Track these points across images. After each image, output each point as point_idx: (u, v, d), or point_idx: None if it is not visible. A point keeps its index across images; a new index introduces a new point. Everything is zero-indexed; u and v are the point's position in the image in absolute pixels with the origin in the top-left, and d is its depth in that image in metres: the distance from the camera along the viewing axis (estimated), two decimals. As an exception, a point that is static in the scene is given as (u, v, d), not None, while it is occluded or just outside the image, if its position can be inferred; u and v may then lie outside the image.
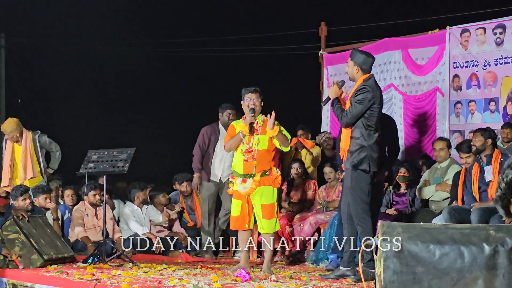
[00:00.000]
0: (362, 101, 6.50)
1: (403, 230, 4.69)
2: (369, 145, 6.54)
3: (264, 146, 7.32)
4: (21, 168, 9.54)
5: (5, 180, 9.61)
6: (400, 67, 10.85)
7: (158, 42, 21.34)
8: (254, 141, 7.33)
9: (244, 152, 7.35)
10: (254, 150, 7.31)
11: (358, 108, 6.50)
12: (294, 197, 9.50)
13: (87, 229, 9.36)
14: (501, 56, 9.60)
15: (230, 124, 7.70)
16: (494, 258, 4.58)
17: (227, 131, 7.70)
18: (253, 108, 7.35)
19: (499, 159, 7.54)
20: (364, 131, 6.54)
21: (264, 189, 7.33)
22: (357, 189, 6.56)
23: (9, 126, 9.60)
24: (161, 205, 10.07)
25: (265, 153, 7.34)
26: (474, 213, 7.33)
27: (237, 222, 7.50)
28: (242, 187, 7.36)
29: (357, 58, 6.69)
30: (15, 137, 9.59)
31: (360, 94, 6.52)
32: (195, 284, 6.06)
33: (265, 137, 7.33)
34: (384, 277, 4.61)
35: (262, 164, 7.32)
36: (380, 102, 6.64)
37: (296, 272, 7.50)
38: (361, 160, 6.52)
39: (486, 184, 7.59)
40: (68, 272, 7.14)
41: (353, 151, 6.55)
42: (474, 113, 9.90)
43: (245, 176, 7.34)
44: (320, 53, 12.28)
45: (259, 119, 7.41)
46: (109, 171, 8.39)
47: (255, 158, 7.29)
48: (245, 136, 7.34)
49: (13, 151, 9.61)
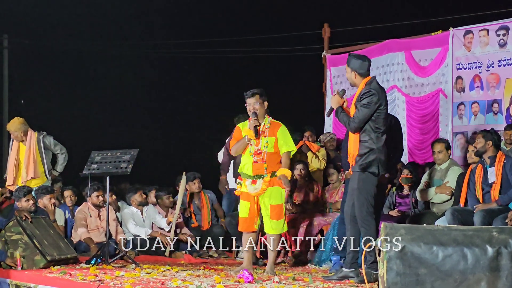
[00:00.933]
0: (368, 104, 6.48)
1: (406, 232, 4.70)
2: (378, 148, 6.53)
3: (271, 148, 7.37)
4: (23, 167, 9.57)
5: (10, 179, 9.65)
6: (403, 68, 10.85)
7: (160, 43, 21.36)
8: (263, 143, 7.35)
9: (253, 154, 7.37)
10: (264, 152, 7.34)
11: (365, 112, 6.48)
12: (297, 198, 9.49)
13: (90, 230, 9.36)
14: (504, 57, 9.59)
15: (236, 127, 7.69)
16: (497, 259, 4.58)
17: (233, 134, 7.69)
18: (255, 112, 7.36)
19: (503, 161, 7.54)
20: (373, 134, 6.52)
21: (273, 190, 7.36)
22: (363, 191, 6.55)
23: (13, 125, 9.66)
24: (165, 206, 10.06)
25: (273, 155, 7.38)
26: (477, 214, 7.32)
27: (245, 224, 7.50)
28: (253, 188, 7.38)
29: (353, 64, 6.69)
30: (20, 136, 9.62)
31: (365, 98, 6.50)
32: (198, 285, 6.06)
33: (272, 139, 7.36)
34: (387, 279, 4.62)
35: (272, 166, 7.35)
36: (386, 104, 6.64)
37: (299, 273, 7.50)
38: (370, 162, 6.51)
39: (489, 186, 7.58)
40: (71, 273, 7.15)
41: (362, 154, 6.53)
42: (477, 115, 9.89)
43: (255, 177, 7.36)
44: (323, 54, 12.28)
45: (265, 121, 7.42)
46: (112, 172, 8.39)
47: (265, 161, 7.33)
48: (250, 140, 7.35)
49: (18, 151, 9.65)
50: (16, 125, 9.64)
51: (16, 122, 9.69)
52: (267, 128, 7.38)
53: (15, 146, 9.71)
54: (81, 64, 21.40)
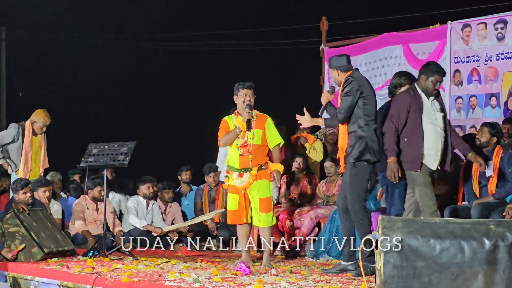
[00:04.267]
0: (350, 92, 6.55)
1: (403, 225, 4.69)
2: (368, 136, 6.56)
3: (258, 141, 7.42)
4: (40, 159, 9.49)
5: (25, 171, 9.50)
6: (401, 62, 10.84)
7: (158, 37, 21.33)
8: (249, 136, 7.40)
9: (239, 147, 7.41)
10: (250, 144, 7.39)
11: (348, 100, 6.54)
12: (294, 191, 9.50)
13: (87, 223, 9.36)
14: (502, 51, 9.60)
15: (223, 120, 7.71)
16: (494, 253, 4.59)
17: (220, 126, 7.69)
18: (250, 105, 7.41)
19: (500, 155, 7.52)
20: (362, 122, 6.56)
21: (261, 183, 7.40)
22: (356, 186, 6.58)
23: (44, 117, 9.43)
24: (164, 201, 10.06)
25: (260, 147, 7.42)
26: (474, 208, 7.32)
27: (235, 216, 7.55)
28: (239, 181, 7.43)
29: (332, 63, 6.85)
30: (43, 129, 9.54)
31: (346, 87, 6.60)
32: (195, 277, 6.07)
33: (259, 131, 7.42)
34: (384, 272, 4.62)
35: (258, 158, 7.39)
36: (370, 91, 6.65)
37: (296, 266, 7.50)
38: (362, 151, 6.53)
39: (486, 179, 7.58)
40: (68, 266, 7.14)
41: (352, 144, 6.56)
42: (475, 108, 9.89)
43: (241, 171, 7.40)
44: (321, 47, 12.27)
45: (252, 113, 7.46)
46: (109, 165, 8.40)
47: (250, 152, 7.37)
48: (241, 132, 7.38)
49: (31, 143, 9.48)
50: (46, 118, 9.49)
51: (46, 114, 9.48)
52: (253, 121, 7.44)
53: (28, 138, 9.47)
54: (79, 57, 21.36)
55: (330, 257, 8.32)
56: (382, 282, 4.62)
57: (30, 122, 9.47)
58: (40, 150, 9.53)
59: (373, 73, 11.37)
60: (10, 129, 9.51)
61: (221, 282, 5.95)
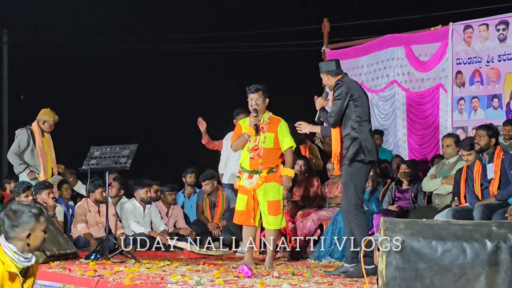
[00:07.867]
0: (339, 96, 6.63)
1: (405, 227, 4.69)
2: (362, 137, 6.62)
3: (270, 144, 7.42)
4: (50, 160, 9.49)
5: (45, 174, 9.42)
6: (403, 63, 10.85)
7: (159, 38, 21.32)
8: (260, 139, 7.40)
9: (250, 150, 7.42)
10: (260, 148, 7.40)
11: (338, 104, 6.62)
12: (296, 193, 9.49)
13: (89, 225, 9.34)
14: (504, 52, 9.60)
15: (237, 123, 7.76)
16: (496, 254, 4.58)
17: (234, 131, 7.74)
18: (255, 109, 7.41)
19: (501, 157, 7.51)
20: (355, 123, 6.63)
21: (270, 186, 7.43)
22: (350, 186, 6.64)
23: (52, 116, 9.42)
24: (167, 203, 10.03)
25: (271, 151, 7.42)
26: (476, 209, 7.31)
27: (242, 217, 7.57)
28: (248, 182, 7.45)
29: (322, 68, 6.92)
30: (53, 126, 9.53)
31: (336, 91, 6.69)
32: (197, 280, 6.07)
33: (271, 135, 7.40)
34: (386, 273, 4.61)
35: (269, 162, 7.41)
36: (360, 93, 6.72)
37: (298, 268, 7.50)
38: (356, 152, 6.58)
39: (488, 182, 7.56)
40: (70, 268, 7.15)
41: (347, 146, 6.62)
42: (477, 110, 9.89)
43: (251, 172, 7.43)
44: (322, 49, 12.28)
45: (265, 116, 7.47)
46: (111, 168, 8.40)
47: (260, 156, 7.38)
48: (250, 137, 7.39)
49: (43, 143, 9.46)
50: (54, 115, 9.44)
51: (52, 112, 9.45)
52: (266, 124, 7.43)
53: (40, 139, 9.40)
54: (80, 59, 21.37)
55: (333, 259, 8.31)
56: (384, 284, 4.62)
57: (38, 122, 9.46)
58: (50, 150, 9.54)
59: (375, 74, 11.38)
60: (21, 135, 9.41)
61: (224, 284, 5.95)
